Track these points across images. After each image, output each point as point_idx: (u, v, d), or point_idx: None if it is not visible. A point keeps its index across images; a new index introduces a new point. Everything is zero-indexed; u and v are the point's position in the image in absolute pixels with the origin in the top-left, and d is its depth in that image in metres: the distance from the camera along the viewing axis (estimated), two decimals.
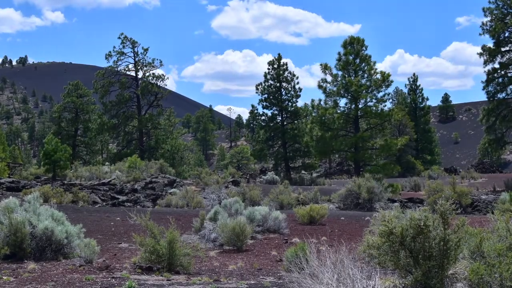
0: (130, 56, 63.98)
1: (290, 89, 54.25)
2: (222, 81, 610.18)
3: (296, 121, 54.59)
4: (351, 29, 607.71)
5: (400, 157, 60.15)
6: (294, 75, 54.42)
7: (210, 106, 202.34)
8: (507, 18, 38.52)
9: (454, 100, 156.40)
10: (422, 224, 5.81)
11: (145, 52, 63.96)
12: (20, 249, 9.53)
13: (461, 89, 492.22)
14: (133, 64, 64.01)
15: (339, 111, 41.53)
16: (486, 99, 41.80)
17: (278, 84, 54.21)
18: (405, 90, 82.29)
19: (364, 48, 40.94)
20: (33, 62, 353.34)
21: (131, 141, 64.66)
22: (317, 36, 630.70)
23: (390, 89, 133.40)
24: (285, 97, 54.28)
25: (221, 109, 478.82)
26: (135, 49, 63.91)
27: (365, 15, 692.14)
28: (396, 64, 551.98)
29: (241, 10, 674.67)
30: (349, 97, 40.92)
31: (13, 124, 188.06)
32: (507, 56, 39.68)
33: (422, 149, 76.69)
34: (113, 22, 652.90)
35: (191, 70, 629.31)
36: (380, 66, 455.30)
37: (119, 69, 63.51)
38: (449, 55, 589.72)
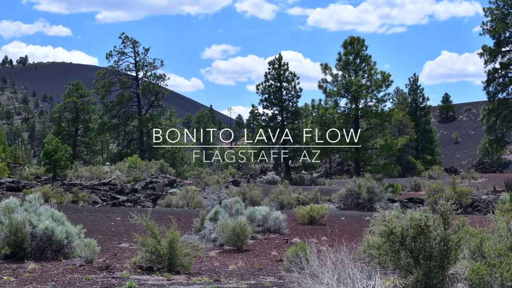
0: (131, 56, 64.09)
1: (290, 89, 54.23)
2: None
3: (296, 121, 54.60)
4: None
5: (400, 157, 60.13)
6: (294, 75, 54.42)
7: (211, 106, 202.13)
8: (508, 18, 38.54)
9: (455, 100, 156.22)
10: (423, 224, 5.81)
11: (146, 52, 64.09)
12: (20, 249, 9.53)
13: None
14: (133, 64, 64.11)
15: (339, 111, 41.53)
16: (487, 99, 41.84)
17: (278, 84, 54.19)
18: (406, 90, 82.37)
19: (364, 48, 40.93)
20: (34, 62, 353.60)
21: (132, 141, 64.72)
22: None
23: (391, 89, 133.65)
24: (286, 97, 54.27)
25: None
26: (136, 49, 64.00)
27: None
28: None
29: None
30: (349, 97, 40.92)
31: (13, 124, 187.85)
32: (508, 56, 39.70)
33: (422, 149, 76.63)
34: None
35: None
36: None
37: (119, 69, 63.58)
38: None
